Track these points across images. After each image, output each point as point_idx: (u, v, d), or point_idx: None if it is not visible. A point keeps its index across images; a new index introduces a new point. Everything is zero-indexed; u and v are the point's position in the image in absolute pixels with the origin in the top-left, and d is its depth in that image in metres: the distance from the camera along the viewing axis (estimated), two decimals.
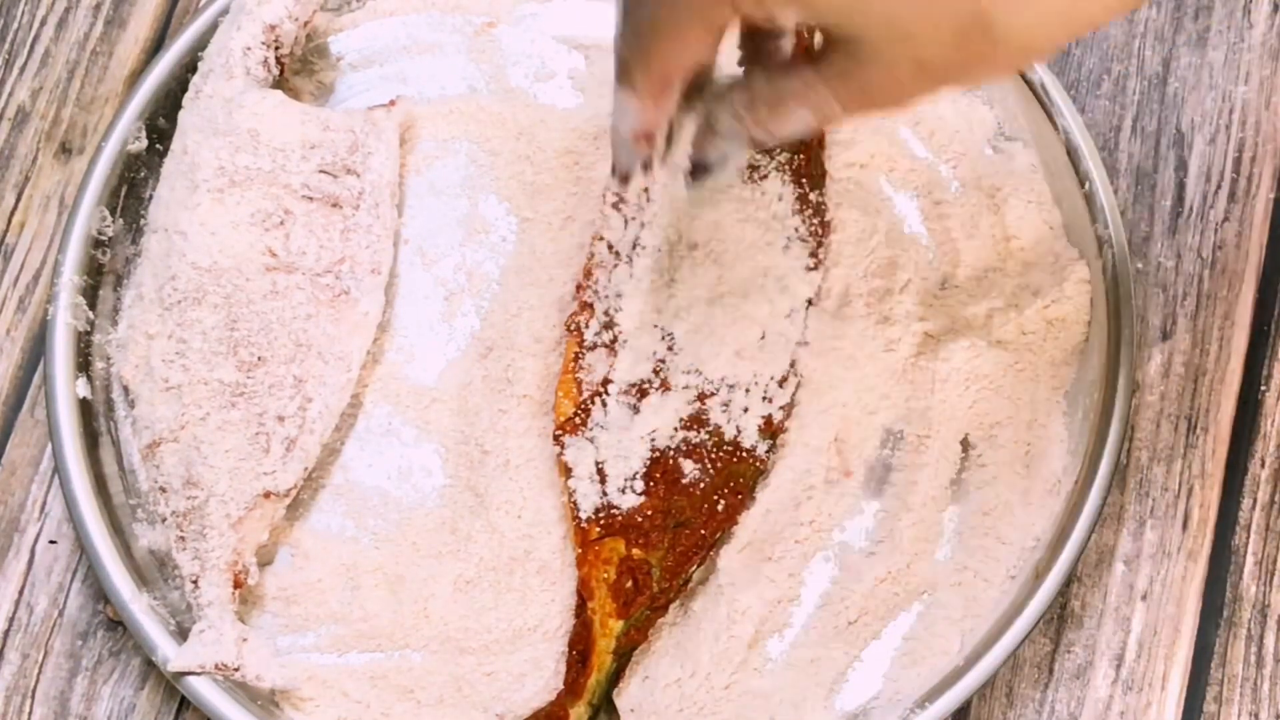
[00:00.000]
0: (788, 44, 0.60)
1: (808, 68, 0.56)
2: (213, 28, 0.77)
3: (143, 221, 0.77)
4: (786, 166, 0.73)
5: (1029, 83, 0.77)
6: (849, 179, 0.76)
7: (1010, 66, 0.55)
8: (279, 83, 0.77)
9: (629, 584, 0.69)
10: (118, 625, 0.73)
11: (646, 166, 0.62)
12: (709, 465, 0.70)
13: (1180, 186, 0.79)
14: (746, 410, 0.71)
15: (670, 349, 0.71)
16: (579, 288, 0.73)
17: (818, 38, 0.57)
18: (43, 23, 0.83)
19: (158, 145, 0.77)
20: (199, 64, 0.77)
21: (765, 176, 0.72)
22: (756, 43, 0.59)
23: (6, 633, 0.74)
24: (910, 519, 0.72)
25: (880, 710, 0.69)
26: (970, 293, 0.75)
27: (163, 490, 0.71)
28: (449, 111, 0.79)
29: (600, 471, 0.70)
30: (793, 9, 0.54)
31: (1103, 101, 0.80)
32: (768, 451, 0.71)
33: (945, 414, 0.73)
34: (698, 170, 0.61)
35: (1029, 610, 0.69)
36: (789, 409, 0.72)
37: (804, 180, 0.73)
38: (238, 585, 0.70)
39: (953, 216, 0.76)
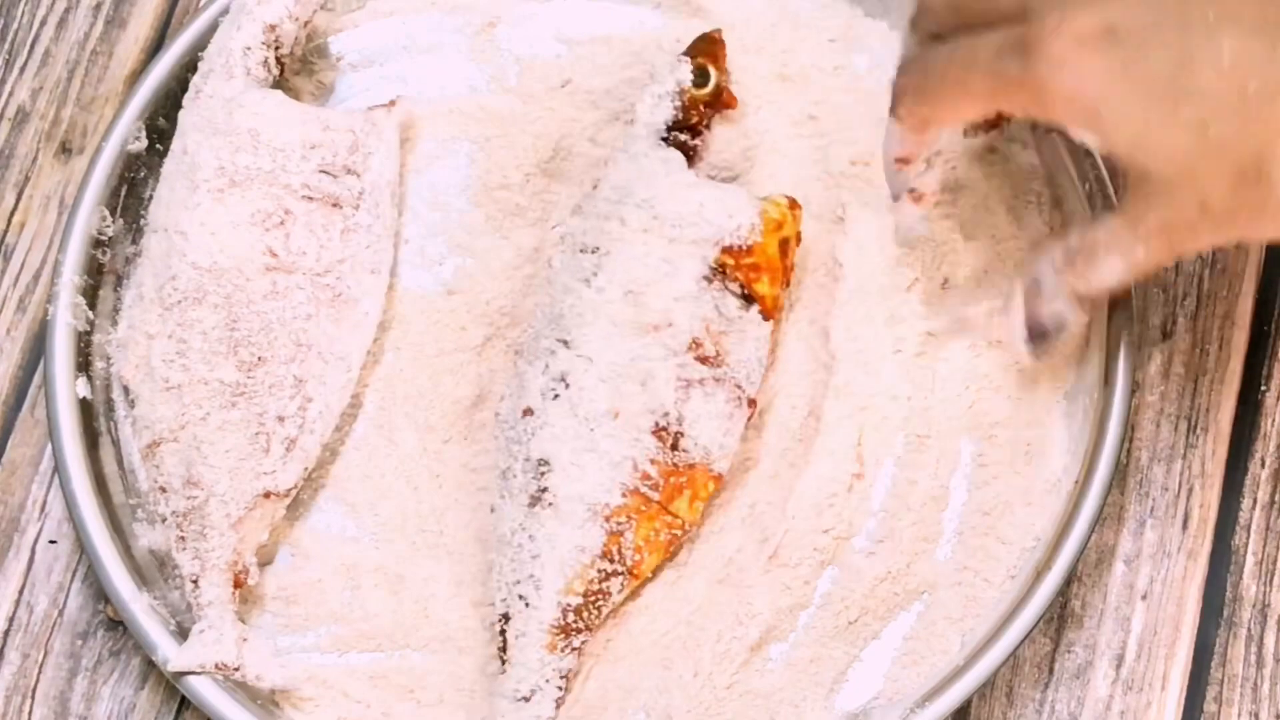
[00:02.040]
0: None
1: (1112, 215, 0.62)
2: (213, 28, 0.77)
3: (143, 221, 0.77)
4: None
5: None
6: (855, 175, 0.76)
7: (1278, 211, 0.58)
8: (279, 83, 0.77)
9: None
10: (118, 625, 0.73)
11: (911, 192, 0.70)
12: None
13: None
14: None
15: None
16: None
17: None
18: (43, 23, 0.83)
19: (158, 145, 0.77)
20: (199, 64, 0.77)
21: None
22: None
23: (6, 633, 0.74)
24: (910, 519, 0.72)
25: (880, 710, 0.69)
26: (970, 293, 0.75)
27: (163, 490, 0.71)
28: (449, 111, 0.79)
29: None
30: (1079, 127, 0.60)
31: None
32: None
33: (945, 413, 0.73)
34: (1035, 336, 0.67)
35: (1029, 610, 0.69)
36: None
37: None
38: (238, 585, 0.70)
39: (953, 216, 0.76)
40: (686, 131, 0.74)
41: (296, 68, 0.80)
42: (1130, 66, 0.58)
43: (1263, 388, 0.76)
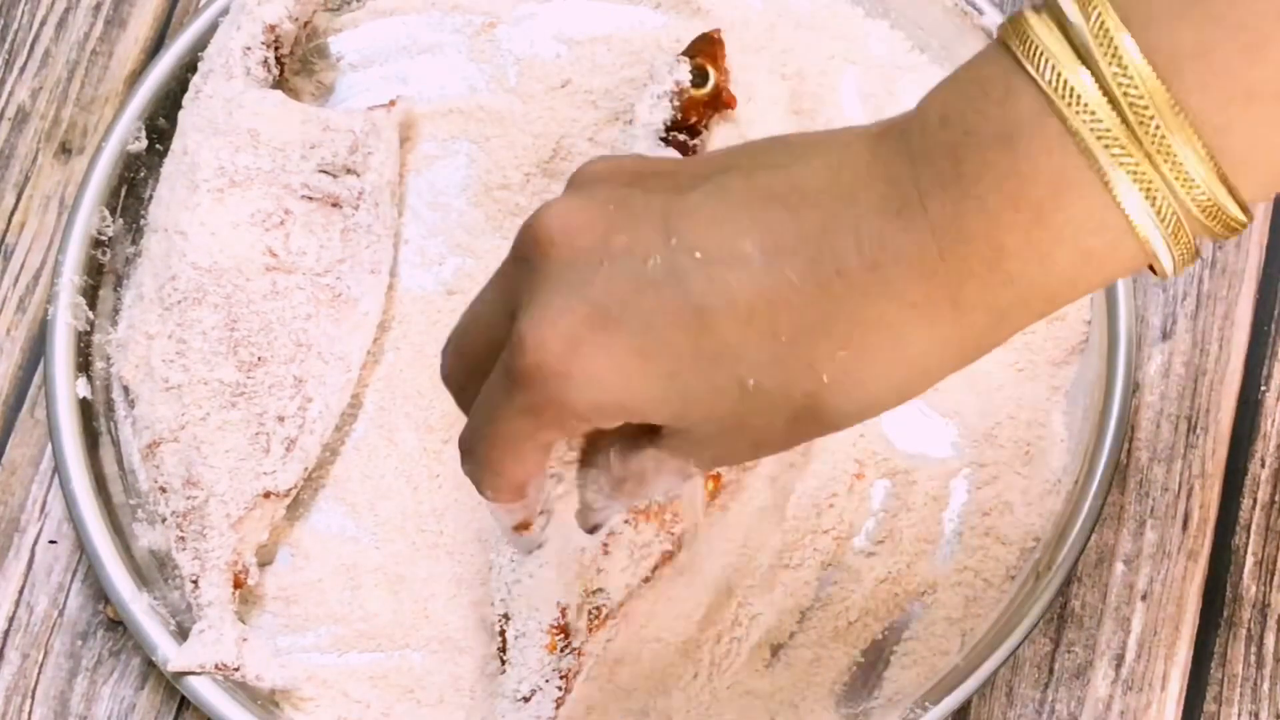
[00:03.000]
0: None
1: (652, 447, 0.53)
2: (213, 28, 0.77)
3: (143, 221, 0.77)
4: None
5: None
6: None
7: (843, 428, 0.52)
8: (279, 83, 0.77)
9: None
10: (118, 625, 0.73)
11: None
12: None
13: None
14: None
15: None
16: None
17: None
18: (43, 23, 0.83)
19: (158, 145, 0.77)
20: (199, 64, 0.77)
21: None
22: (595, 442, 0.57)
23: (6, 633, 0.74)
24: (910, 519, 0.72)
25: (880, 710, 0.69)
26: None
27: (163, 490, 0.71)
28: (449, 111, 0.79)
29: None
30: (620, 419, 0.52)
31: None
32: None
33: (945, 413, 0.73)
34: (592, 529, 0.59)
35: (1029, 610, 0.69)
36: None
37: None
38: (238, 585, 0.70)
39: None
40: (685, 131, 0.74)
41: (296, 68, 0.80)
42: (641, 348, 0.50)
43: (1263, 388, 0.76)
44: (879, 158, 0.48)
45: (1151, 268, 0.47)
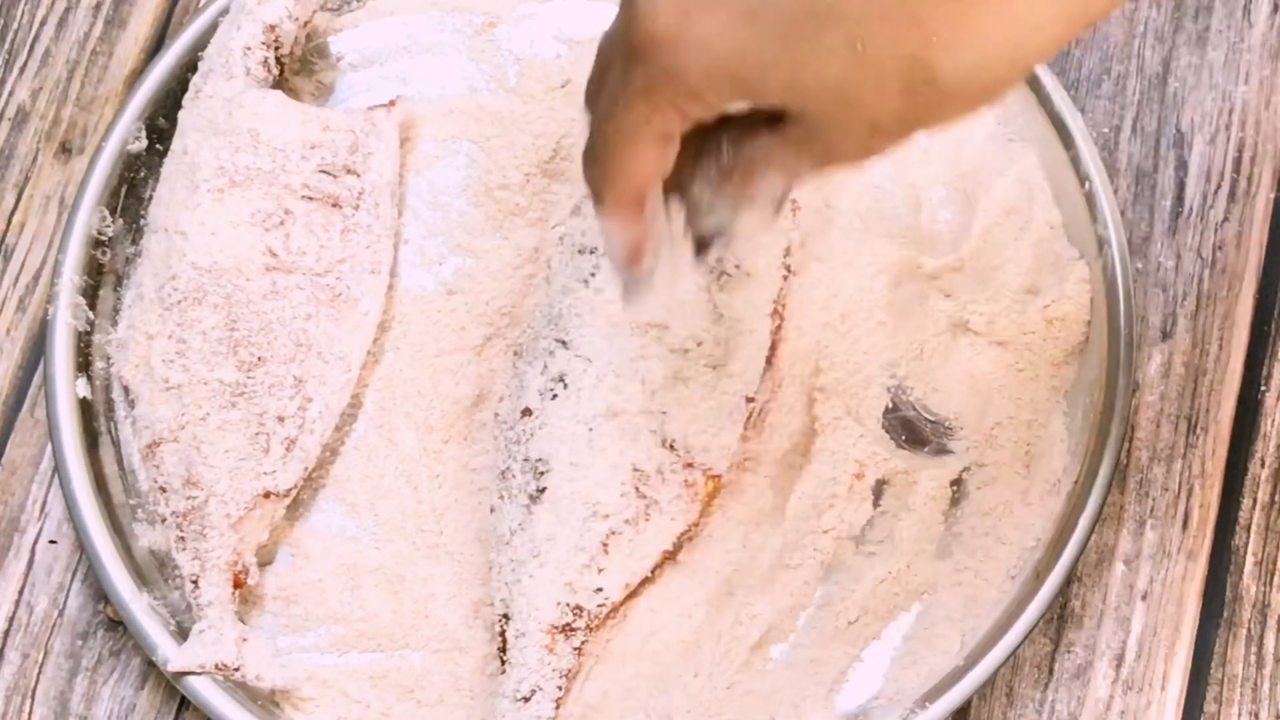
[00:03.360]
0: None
1: (768, 134, 0.54)
2: (213, 28, 0.77)
3: (143, 221, 0.77)
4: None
5: (1029, 83, 0.77)
6: (850, 172, 0.76)
7: (965, 110, 0.52)
8: (279, 83, 0.77)
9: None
10: (118, 625, 0.73)
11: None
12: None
13: (1180, 186, 0.79)
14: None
15: None
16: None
17: None
18: (43, 23, 0.83)
19: (158, 145, 0.77)
20: (199, 64, 0.77)
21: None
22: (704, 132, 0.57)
23: (6, 633, 0.74)
24: (910, 519, 0.72)
25: (880, 710, 0.69)
26: (971, 293, 0.75)
27: (163, 490, 0.71)
28: (449, 111, 0.79)
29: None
30: (737, 99, 0.52)
31: (1103, 101, 0.80)
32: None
33: (945, 413, 0.73)
34: (700, 247, 0.59)
35: (1029, 610, 0.69)
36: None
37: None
38: (238, 585, 0.70)
39: (953, 218, 0.76)
40: None
41: (296, 68, 0.80)
42: (751, 10, 0.51)
43: (1263, 388, 0.76)
44: None
45: None
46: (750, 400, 0.71)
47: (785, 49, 0.51)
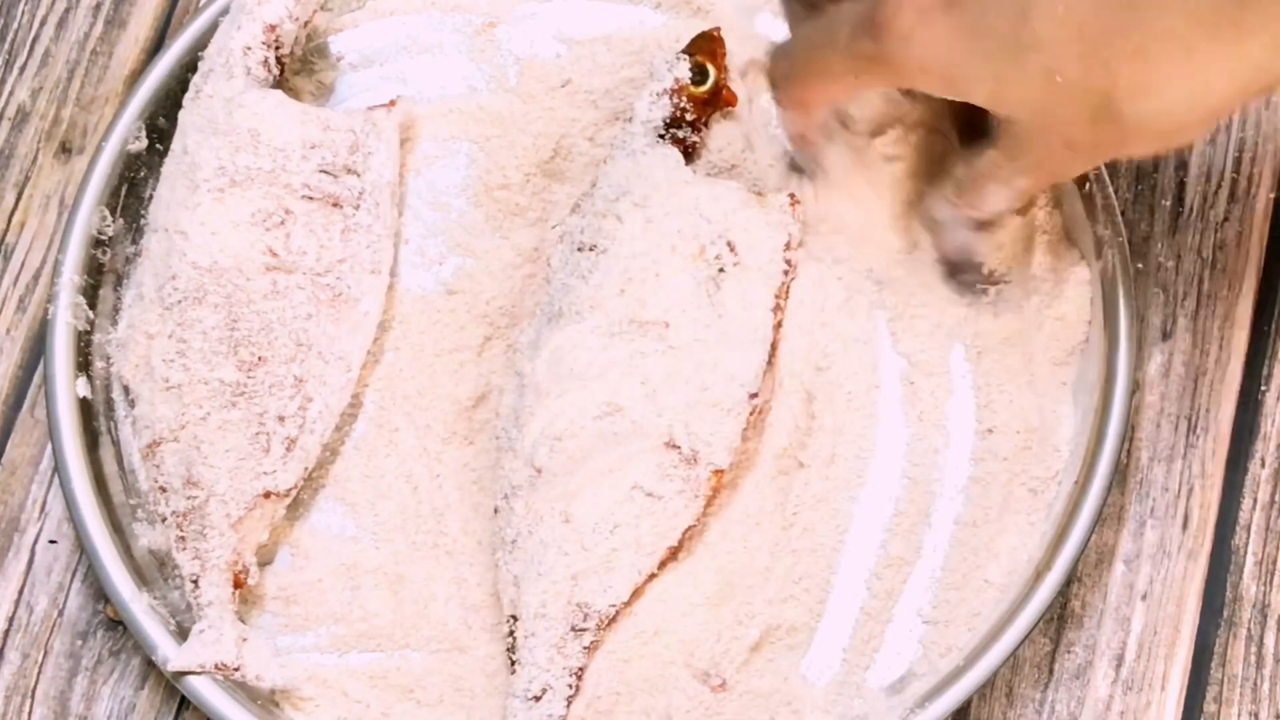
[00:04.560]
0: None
1: (993, 148, 0.64)
2: (213, 28, 0.77)
3: (143, 221, 0.77)
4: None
5: None
6: None
7: (1153, 144, 0.62)
8: (279, 83, 0.77)
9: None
10: (118, 625, 0.73)
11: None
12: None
13: (1180, 186, 0.79)
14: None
15: None
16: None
17: None
18: (43, 23, 0.83)
19: (158, 145, 0.77)
20: (199, 64, 0.77)
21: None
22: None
23: (6, 633, 0.74)
24: (911, 519, 0.72)
25: (880, 710, 0.69)
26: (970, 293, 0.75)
27: (163, 490, 0.71)
28: (449, 111, 0.79)
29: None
30: (939, 93, 0.63)
31: None
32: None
33: (946, 414, 0.73)
34: (954, 271, 0.71)
35: (1029, 610, 0.69)
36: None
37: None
38: (238, 585, 0.70)
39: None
40: (685, 128, 0.74)
41: (296, 68, 0.80)
42: (973, 29, 0.60)
43: (1263, 388, 0.76)
44: None
45: None
46: (753, 396, 0.71)
47: (991, 65, 0.61)
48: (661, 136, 0.74)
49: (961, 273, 0.71)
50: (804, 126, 0.71)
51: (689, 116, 0.74)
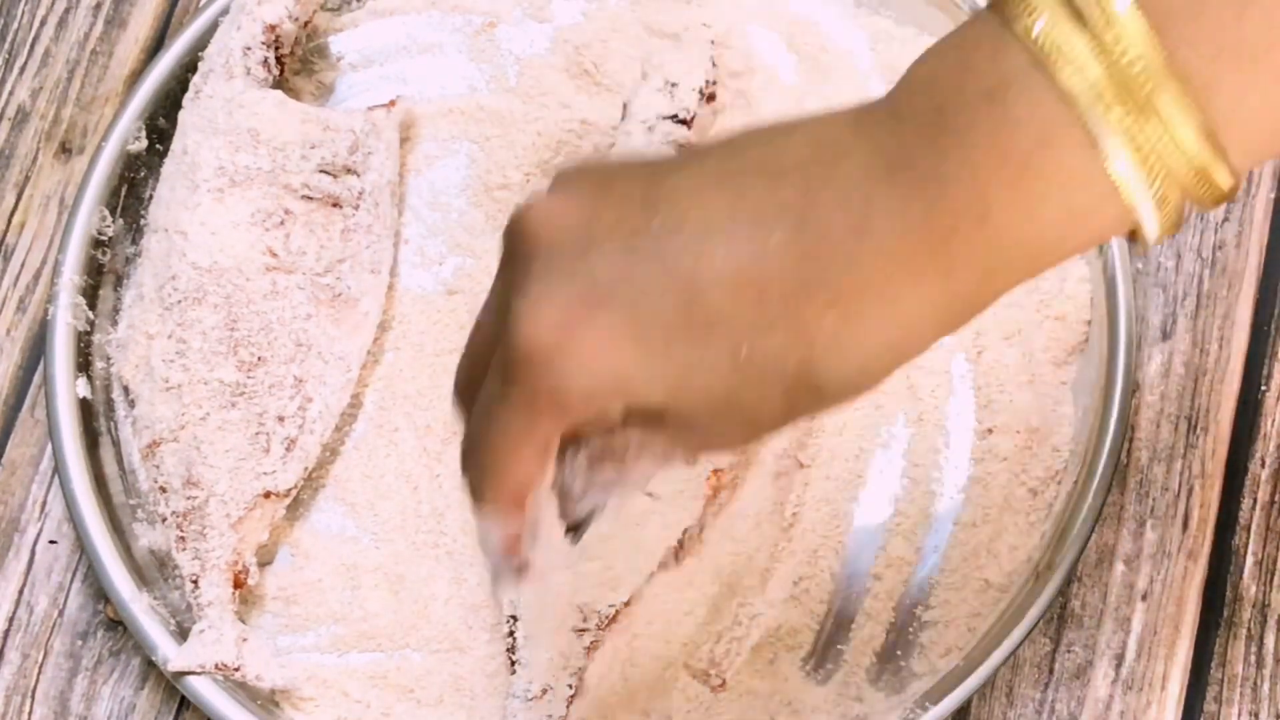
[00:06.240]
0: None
1: (638, 429, 0.52)
2: (213, 28, 0.77)
3: (143, 221, 0.77)
4: None
5: None
6: None
7: (843, 403, 0.51)
8: (279, 83, 0.77)
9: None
10: (118, 625, 0.73)
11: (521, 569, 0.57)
12: None
13: None
14: None
15: None
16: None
17: None
18: (43, 23, 0.83)
19: (158, 145, 0.77)
20: (199, 64, 0.77)
21: None
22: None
23: (6, 633, 0.74)
24: (911, 520, 0.72)
25: (880, 710, 0.69)
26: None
27: (163, 490, 0.71)
28: (449, 111, 0.79)
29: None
30: (619, 405, 0.50)
31: None
32: None
33: (945, 414, 0.73)
34: (574, 530, 0.57)
35: (1029, 610, 0.69)
36: None
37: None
38: (238, 585, 0.70)
39: None
40: (679, 124, 0.74)
41: (296, 68, 0.80)
42: (633, 322, 0.49)
43: (1263, 388, 0.76)
44: (863, 127, 0.48)
45: (1133, 236, 0.47)
46: None
47: (669, 361, 0.49)
48: (651, 129, 0.74)
49: (581, 530, 0.57)
50: (513, 528, 0.55)
51: (684, 115, 0.74)
